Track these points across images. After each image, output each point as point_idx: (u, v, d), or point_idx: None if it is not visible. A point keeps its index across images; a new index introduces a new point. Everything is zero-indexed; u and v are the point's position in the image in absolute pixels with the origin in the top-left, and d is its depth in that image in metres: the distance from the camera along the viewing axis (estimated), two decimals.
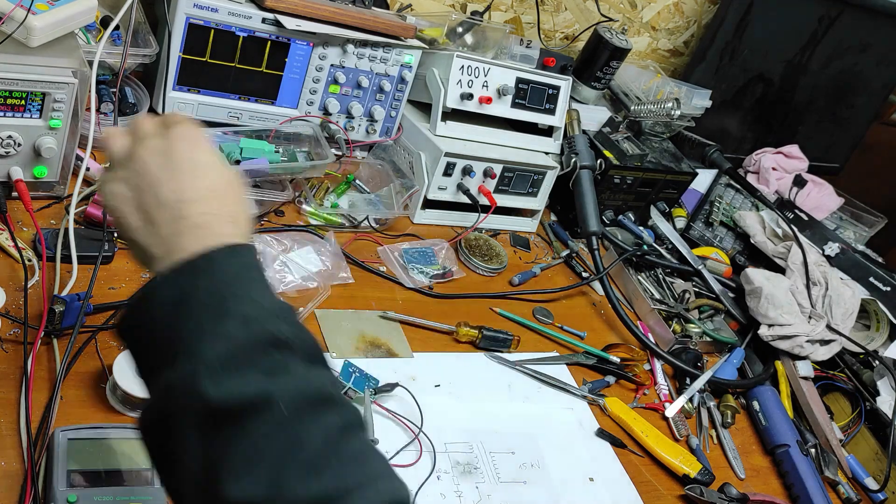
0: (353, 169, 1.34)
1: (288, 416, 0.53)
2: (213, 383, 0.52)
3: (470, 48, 1.49)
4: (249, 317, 0.55)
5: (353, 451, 0.54)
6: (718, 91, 1.81)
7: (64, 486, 0.70)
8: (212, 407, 0.52)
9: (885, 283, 1.48)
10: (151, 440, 0.56)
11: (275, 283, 1.07)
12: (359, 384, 0.94)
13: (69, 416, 0.79)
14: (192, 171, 0.60)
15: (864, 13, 1.85)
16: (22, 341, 0.83)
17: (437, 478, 0.92)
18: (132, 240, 0.60)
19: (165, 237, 0.58)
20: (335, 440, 0.54)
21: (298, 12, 1.20)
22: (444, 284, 1.24)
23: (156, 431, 0.56)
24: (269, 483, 0.51)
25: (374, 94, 1.35)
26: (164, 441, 0.54)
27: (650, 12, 1.86)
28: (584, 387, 1.15)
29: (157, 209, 0.59)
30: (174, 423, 0.53)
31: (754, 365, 1.35)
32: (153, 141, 0.62)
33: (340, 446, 0.54)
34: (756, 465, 1.18)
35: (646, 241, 1.51)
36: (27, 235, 0.96)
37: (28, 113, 0.92)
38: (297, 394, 0.54)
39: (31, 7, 0.84)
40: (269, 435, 0.52)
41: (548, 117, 1.46)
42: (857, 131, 2.13)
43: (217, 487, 0.51)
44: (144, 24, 1.18)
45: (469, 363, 1.11)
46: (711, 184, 1.67)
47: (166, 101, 1.19)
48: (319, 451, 0.53)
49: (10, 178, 0.95)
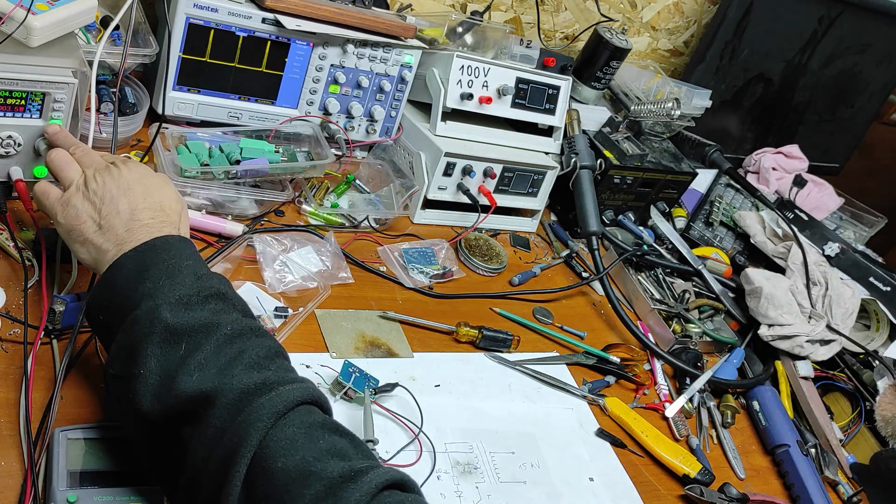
0: (353, 169, 1.34)
1: (232, 335, 0.69)
2: (171, 313, 0.68)
3: (470, 48, 1.49)
4: (200, 274, 0.73)
5: (286, 365, 0.72)
6: (718, 91, 1.81)
7: (64, 486, 0.70)
8: (170, 328, 0.68)
9: (885, 283, 1.48)
10: (116, 376, 0.69)
11: (275, 282, 1.07)
12: (359, 384, 0.94)
13: (69, 416, 0.79)
14: (143, 190, 0.80)
15: (864, 13, 1.85)
16: (22, 341, 0.83)
17: (437, 478, 0.92)
18: (86, 241, 0.78)
19: (120, 234, 0.76)
20: (273, 355, 0.70)
21: (298, 12, 1.20)
22: (444, 284, 1.24)
23: (120, 363, 0.69)
24: (217, 377, 0.66)
25: (374, 94, 1.35)
26: (127, 367, 0.68)
27: (650, 12, 1.86)
28: (584, 387, 1.15)
29: (114, 217, 0.77)
30: (138, 347, 0.67)
31: (754, 365, 1.35)
32: (111, 169, 0.81)
33: (276, 360, 0.71)
34: (756, 465, 1.18)
35: (646, 241, 1.51)
36: (27, 235, 0.96)
37: (28, 113, 0.92)
38: (239, 324, 0.71)
39: (31, 7, 0.84)
40: (217, 347, 0.68)
41: (548, 117, 1.46)
42: (857, 131, 2.13)
43: (173, 385, 0.65)
44: (144, 24, 1.18)
45: (469, 363, 1.11)
46: (711, 184, 1.67)
47: (166, 101, 1.19)
48: (260, 358, 0.69)
49: (10, 178, 0.95)
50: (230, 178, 1.14)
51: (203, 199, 1.13)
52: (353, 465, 0.63)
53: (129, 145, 1.21)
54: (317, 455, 0.63)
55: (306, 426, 0.65)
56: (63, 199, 0.80)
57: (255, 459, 0.62)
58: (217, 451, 0.63)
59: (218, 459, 0.63)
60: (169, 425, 0.66)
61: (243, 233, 1.12)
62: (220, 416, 0.64)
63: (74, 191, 0.80)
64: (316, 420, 0.66)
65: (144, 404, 0.66)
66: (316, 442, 0.64)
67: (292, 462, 0.62)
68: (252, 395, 0.65)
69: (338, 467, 0.62)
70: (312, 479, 0.61)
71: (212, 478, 0.63)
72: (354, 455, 0.65)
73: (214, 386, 0.65)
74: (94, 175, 0.80)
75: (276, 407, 0.64)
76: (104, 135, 1.09)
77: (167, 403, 0.66)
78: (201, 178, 1.11)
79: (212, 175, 1.12)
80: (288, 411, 0.65)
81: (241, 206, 1.16)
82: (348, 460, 0.64)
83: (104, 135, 1.09)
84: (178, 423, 0.66)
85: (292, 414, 0.65)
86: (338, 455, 0.64)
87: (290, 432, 0.64)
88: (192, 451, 0.65)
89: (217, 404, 0.64)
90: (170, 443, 0.67)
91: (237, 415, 0.64)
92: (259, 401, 0.64)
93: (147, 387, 0.66)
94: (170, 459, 0.67)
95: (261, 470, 0.62)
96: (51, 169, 0.85)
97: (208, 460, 0.63)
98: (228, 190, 1.13)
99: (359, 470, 0.62)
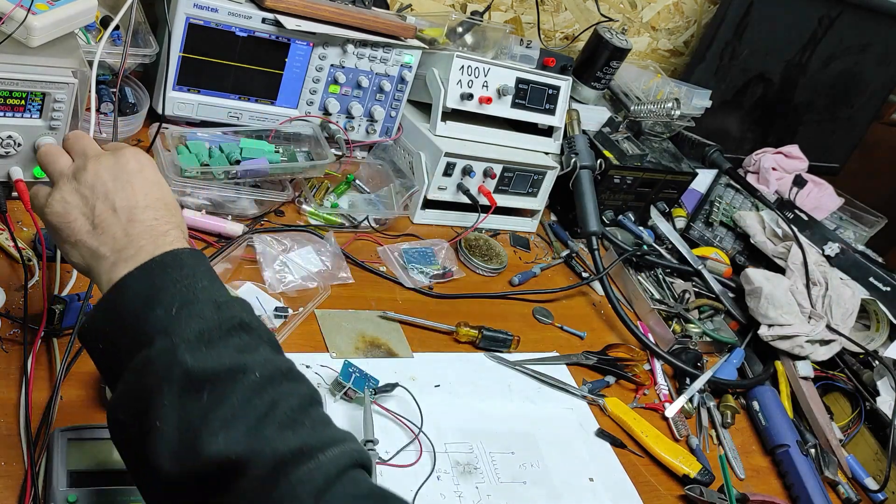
0: (353, 169, 1.34)
1: (262, 382, 0.58)
2: (192, 355, 0.57)
3: (470, 48, 1.49)
4: (219, 302, 0.61)
5: (323, 416, 0.60)
6: (718, 91, 1.81)
7: (64, 486, 0.70)
8: (191, 374, 0.56)
9: (885, 283, 1.48)
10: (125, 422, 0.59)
11: (275, 282, 1.07)
12: (359, 384, 0.94)
13: (69, 416, 0.79)
14: (142, 184, 0.67)
15: (864, 13, 1.85)
16: (22, 341, 0.83)
17: (437, 478, 0.92)
18: (77, 242, 0.66)
19: (118, 237, 0.65)
20: (307, 405, 0.59)
21: (298, 12, 1.20)
22: (444, 284, 1.24)
23: (131, 410, 0.58)
24: (248, 438, 0.55)
25: (374, 94, 1.35)
26: (141, 417, 0.57)
27: (650, 12, 1.86)
28: (584, 387, 1.15)
29: (110, 215, 0.65)
30: (152, 395, 0.56)
31: (754, 365, 1.35)
32: (105, 158, 0.68)
33: (311, 410, 0.59)
34: (756, 465, 1.18)
35: (646, 241, 1.51)
36: (27, 235, 0.96)
37: (28, 113, 0.92)
38: (269, 366, 0.59)
39: (31, 7, 0.83)
40: (246, 398, 0.57)
41: (548, 117, 1.46)
42: (857, 131, 2.13)
43: (195, 445, 0.55)
44: (144, 24, 1.18)
45: (469, 363, 1.11)
46: (711, 184, 1.67)
47: (166, 101, 1.19)
48: (294, 411, 0.58)
49: (10, 178, 0.95)
50: (230, 178, 1.14)
51: (203, 199, 1.13)
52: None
53: None
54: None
55: (351, 499, 0.55)
56: (50, 194, 0.69)
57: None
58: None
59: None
60: (191, 492, 0.56)
61: (243, 233, 1.12)
62: (253, 489, 0.54)
63: (63, 182, 0.68)
64: (361, 491, 0.56)
65: (163, 465, 0.55)
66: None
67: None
68: (289, 466, 0.54)
69: None
70: None
71: None
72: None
73: (244, 451, 0.54)
74: (85, 164, 0.68)
75: (317, 482, 0.54)
76: (104, 135, 1.09)
77: (189, 467, 0.55)
78: (201, 178, 1.11)
79: (212, 175, 1.12)
80: (331, 486, 0.54)
81: (241, 206, 1.16)
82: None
83: (104, 135, 1.09)
84: (202, 491, 0.56)
85: (337, 487, 0.55)
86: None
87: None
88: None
89: (247, 475, 0.54)
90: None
91: (272, 490, 0.54)
92: (297, 474, 0.54)
93: (165, 444, 0.55)
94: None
95: None
96: (41, 164, 0.74)
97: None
98: (228, 190, 1.13)
99: None
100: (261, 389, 0.58)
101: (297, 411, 0.58)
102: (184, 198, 1.11)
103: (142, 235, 0.65)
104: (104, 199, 0.66)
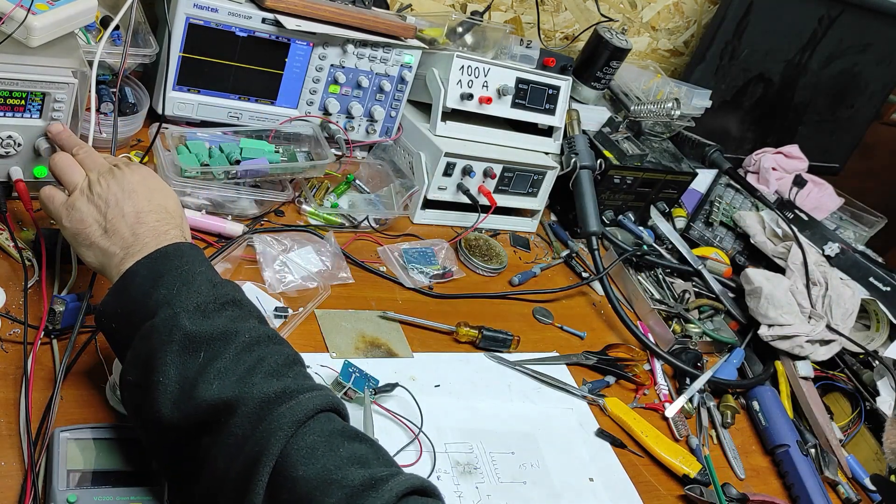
0: (353, 169, 1.34)
1: (251, 343, 0.70)
2: (191, 321, 0.69)
3: (470, 48, 1.49)
4: (215, 282, 0.74)
5: (304, 372, 0.72)
6: (718, 91, 1.81)
7: (64, 486, 0.70)
8: (190, 336, 0.68)
9: (885, 283, 1.48)
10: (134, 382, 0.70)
11: (275, 282, 1.07)
12: (359, 384, 0.94)
13: (69, 416, 0.79)
14: (146, 192, 0.81)
15: (864, 13, 1.85)
16: (22, 341, 0.83)
17: (437, 478, 0.92)
18: (92, 244, 0.78)
19: (126, 237, 0.77)
20: (291, 362, 0.71)
21: (298, 12, 1.20)
22: (444, 284, 1.24)
23: (138, 370, 0.69)
24: (238, 384, 0.66)
25: (374, 94, 1.35)
26: (147, 376, 0.68)
27: (650, 12, 1.86)
28: (584, 387, 1.15)
29: (120, 220, 0.78)
30: (156, 354, 0.68)
31: (754, 365, 1.35)
32: (114, 172, 0.82)
33: (294, 367, 0.71)
34: (756, 466, 1.18)
35: (646, 241, 1.51)
36: (27, 235, 0.96)
37: (28, 113, 0.92)
38: (256, 332, 0.71)
39: (31, 7, 0.84)
40: (237, 355, 0.68)
41: (548, 117, 1.46)
42: (857, 131, 2.13)
43: (193, 393, 0.66)
44: (144, 24, 1.18)
45: (469, 363, 1.11)
46: (711, 184, 1.67)
47: (166, 101, 1.19)
48: (278, 365, 0.70)
49: (10, 178, 0.95)
50: (230, 178, 1.14)
51: (203, 199, 1.13)
52: (373, 472, 0.63)
53: (128, 145, 1.21)
54: (338, 463, 0.63)
55: (326, 434, 0.65)
56: (68, 204, 0.81)
57: (277, 468, 0.63)
58: (238, 461, 0.64)
59: (240, 468, 0.63)
60: (188, 433, 0.66)
61: (243, 233, 1.12)
62: (241, 424, 0.64)
63: (79, 195, 0.80)
64: (335, 428, 0.67)
65: (164, 412, 0.66)
66: (336, 450, 0.64)
67: (313, 471, 0.62)
68: (272, 404, 0.65)
69: (358, 475, 0.63)
70: (334, 487, 0.62)
71: (234, 486, 0.63)
72: (375, 462, 0.66)
73: (235, 394, 0.65)
74: (98, 178, 0.81)
75: (297, 415, 0.64)
76: (104, 135, 1.09)
77: (187, 411, 0.66)
78: (201, 179, 1.11)
79: (212, 175, 1.12)
80: (308, 419, 0.65)
81: (241, 206, 1.16)
82: (369, 468, 0.64)
83: (104, 135, 1.09)
84: (198, 431, 0.66)
85: (312, 422, 0.65)
86: (358, 463, 0.64)
87: (311, 440, 0.64)
88: (213, 459, 0.65)
89: (238, 413, 0.65)
90: (188, 450, 0.67)
91: (258, 423, 0.64)
92: (279, 409, 0.65)
93: (166, 395, 0.66)
94: (187, 466, 0.68)
95: (283, 479, 0.62)
96: (54, 172, 0.85)
97: (230, 469, 0.64)
98: (228, 190, 1.13)
99: (380, 478, 0.63)
100: (250, 349, 0.69)
101: (281, 366, 0.70)
102: (184, 198, 1.11)
103: (146, 234, 0.77)
104: (115, 206, 0.79)
